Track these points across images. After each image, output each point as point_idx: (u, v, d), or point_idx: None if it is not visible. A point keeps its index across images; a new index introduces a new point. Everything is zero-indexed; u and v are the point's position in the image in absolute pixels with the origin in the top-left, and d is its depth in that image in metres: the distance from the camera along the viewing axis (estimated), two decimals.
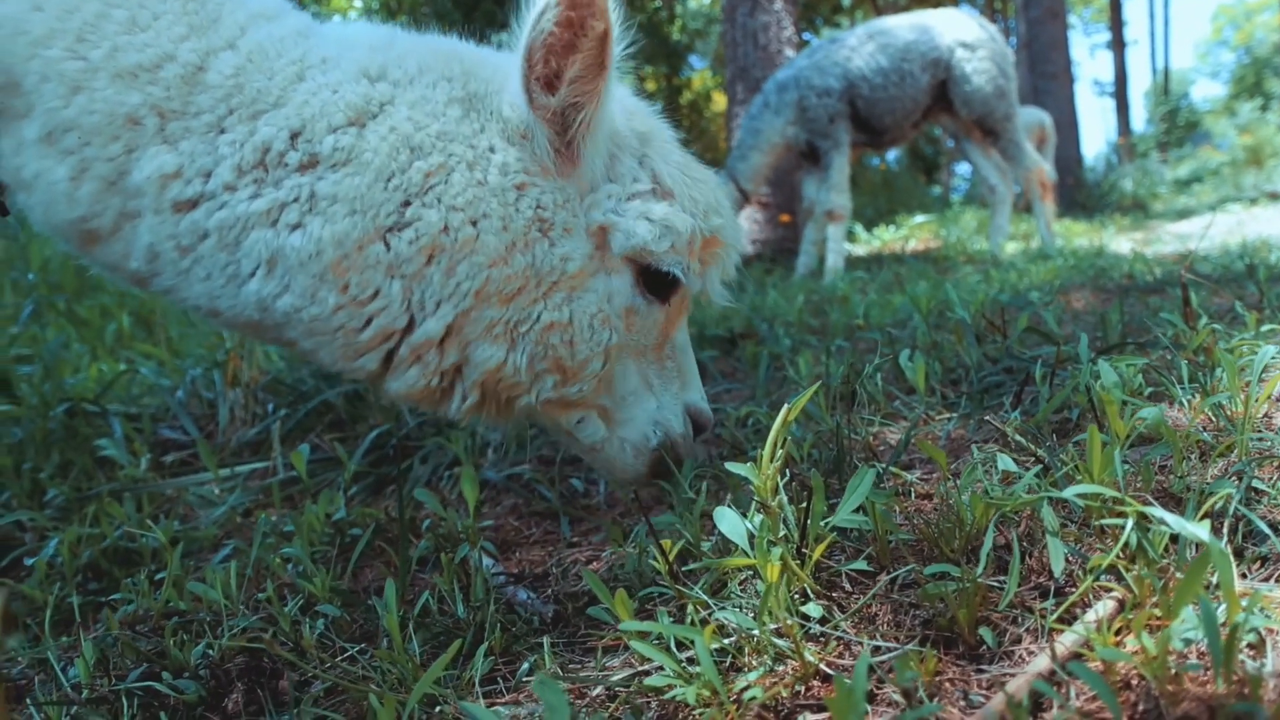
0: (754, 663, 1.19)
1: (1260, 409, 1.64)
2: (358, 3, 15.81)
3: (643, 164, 1.82)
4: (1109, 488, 1.26)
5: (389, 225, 1.61)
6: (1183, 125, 41.07)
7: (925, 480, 1.78)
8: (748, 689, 1.10)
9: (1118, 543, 1.19)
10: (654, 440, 1.93)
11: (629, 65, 1.83)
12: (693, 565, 1.41)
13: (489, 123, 1.69)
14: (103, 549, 2.24)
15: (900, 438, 2.04)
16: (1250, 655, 1.00)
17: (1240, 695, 0.91)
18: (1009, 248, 8.50)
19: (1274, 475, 1.44)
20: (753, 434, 2.43)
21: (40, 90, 1.54)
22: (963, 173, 29.19)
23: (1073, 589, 1.23)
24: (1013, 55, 8.13)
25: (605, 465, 1.98)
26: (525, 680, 1.33)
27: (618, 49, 1.65)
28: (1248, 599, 1.00)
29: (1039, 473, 1.50)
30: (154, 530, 1.91)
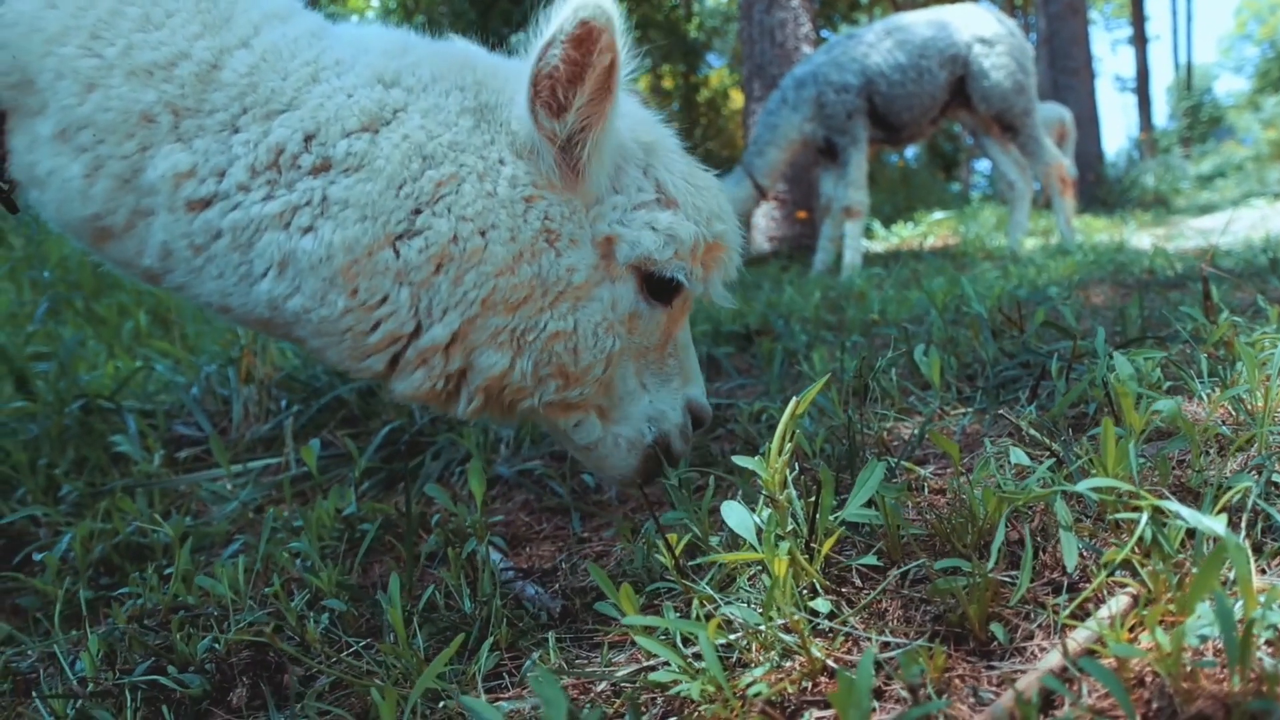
0: (760, 658, 1.18)
1: None
2: (375, 2, 15.85)
3: (647, 174, 1.83)
4: (1124, 481, 1.24)
5: (399, 232, 1.61)
6: (1206, 120, 40.68)
7: (939, 475, 1.76)
8: (753, 684, 1.08)
9: (1132, 537, 1.16)
10: (649, 436, 1.93)
11: (645, 65, 1.83)
12: (700, 560, 1.39)
13: (499, 135, 1.69)
14: (115, 544, 2.25)
15: (914, 433, 2.02)
16: (1268, 652, 0.97)
17: (1257, 693, 0.89)
18: (1028, 244, 8.44)
19: None
20: (766, 429, 2.42)
21: (55, 88, 1.54)
22: (982, 169, 29.01)
23: (1086, 584, 1.21)
24: (1032, 51, 8.07)
25: (598, 463, 1.97)
26: (530, 675, 1.32)
27: (624, 73, 1.65)
28: (1265, 594, 0.97)
29: (1053, 467, 1.48)
30: (160, 526, 1.91)
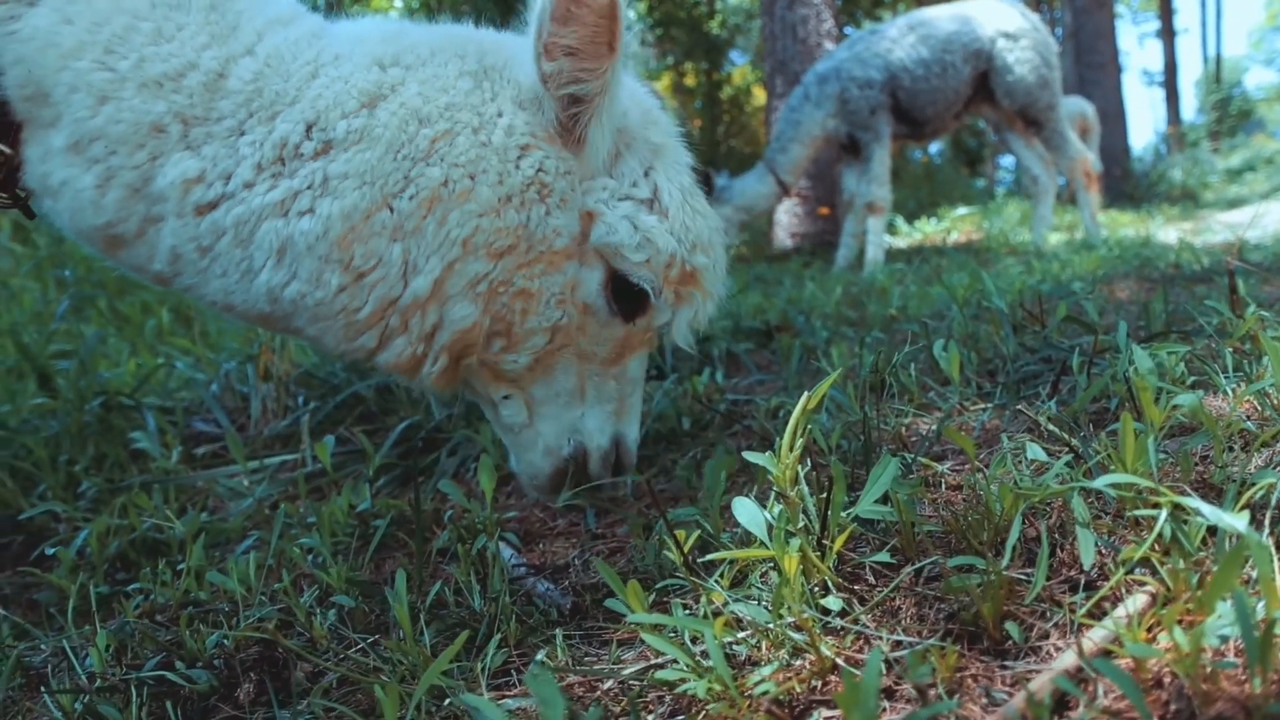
0: (769, 657, 1.16)
1: None
2: (398, 2, 15.89)
3: (647, 175, 1.82)
4: (1143, 477, 1.20)
5: (395, 190, 1.64)
6: (1235, 114, 40.14)
7: (957, 471, 1.73)
8: (760, 683, 1.06)
9: (1151, 534, 1.13)
10: (567, 449, 1.95)
11: (668, 61, 1.83)
12: (709, 556, 1.37)
13: (501, 90, 1.72)
14: (131, 540, 2.25)
15: (933, 429, 1.99)
16: None
17: (1279, 695, 0.86)
18: (1053, 239, 8.34)
19: None
20: (782, 425, 2.39)
21: (69, 101, 1.59)
22: (1007, 165, 28.76)
23: (1104, 583, 1.18)
24: (1056, 45, 7.98)
25: (517, 453, 2.00)
26: (527, 674, 1.31)
27: (627, 33, 1.64)
28: None
29: (1071, 463, 1.45)
30: (174, 522, 1.91)
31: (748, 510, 1.33)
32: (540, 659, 1.34)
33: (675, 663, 1.15)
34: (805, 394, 1.35)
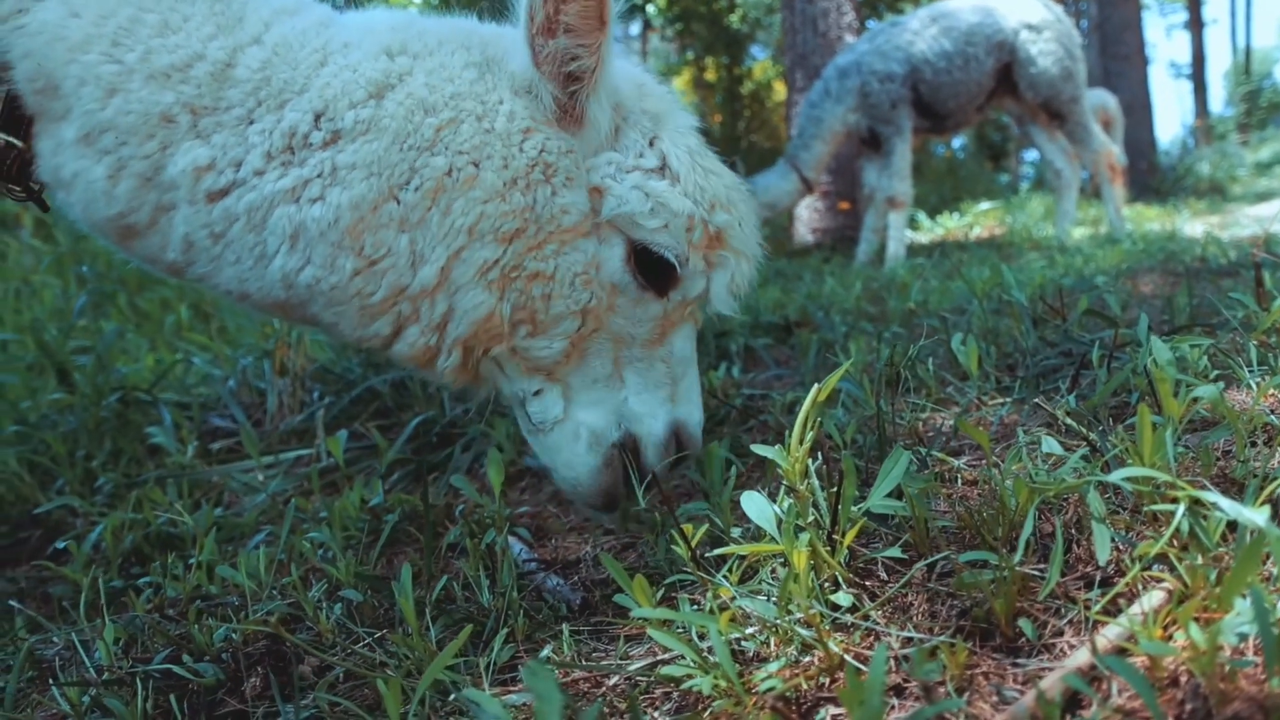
0: (777, 653, 1.14)
1: None
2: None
3: (652, 144, 1.80)
4: (1161, 471, 1.17)
5: (401, 182, 1.64)
6: (1265, 106, 39.52)
7: (974, 466, 1.70)
8: (766, 680, 1.04)
9: (1168, 530, 1.10)
10: (614, 435, 1.84)
11: (688, 56, 1.83)
12: (717, 551, 1.35)
13: (500, 80, 1.72)
14: (146, 535, 2.26)
15: (951, 423, 1.96)
16: None
17: None
18: (1077, 233, 8.25)
19: None
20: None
21: (78, 93, 1.61)
22: (1032, 159, 28.49)
23: (1121, 580, 1.15)
24: (1079, 36, 7.88)
25: (551, 454, 1.87)
26: (524, 669, 1.29)
27: (616, 4, 1.64)
28: None
29: (1088, 456, 1.42)
30: (185, 516, 1.91)
31: (757, 504, 1.31)
32: (546, 654, 1.33)
33: (681, 659, 1.14)
34: (815, 386, 1.32)
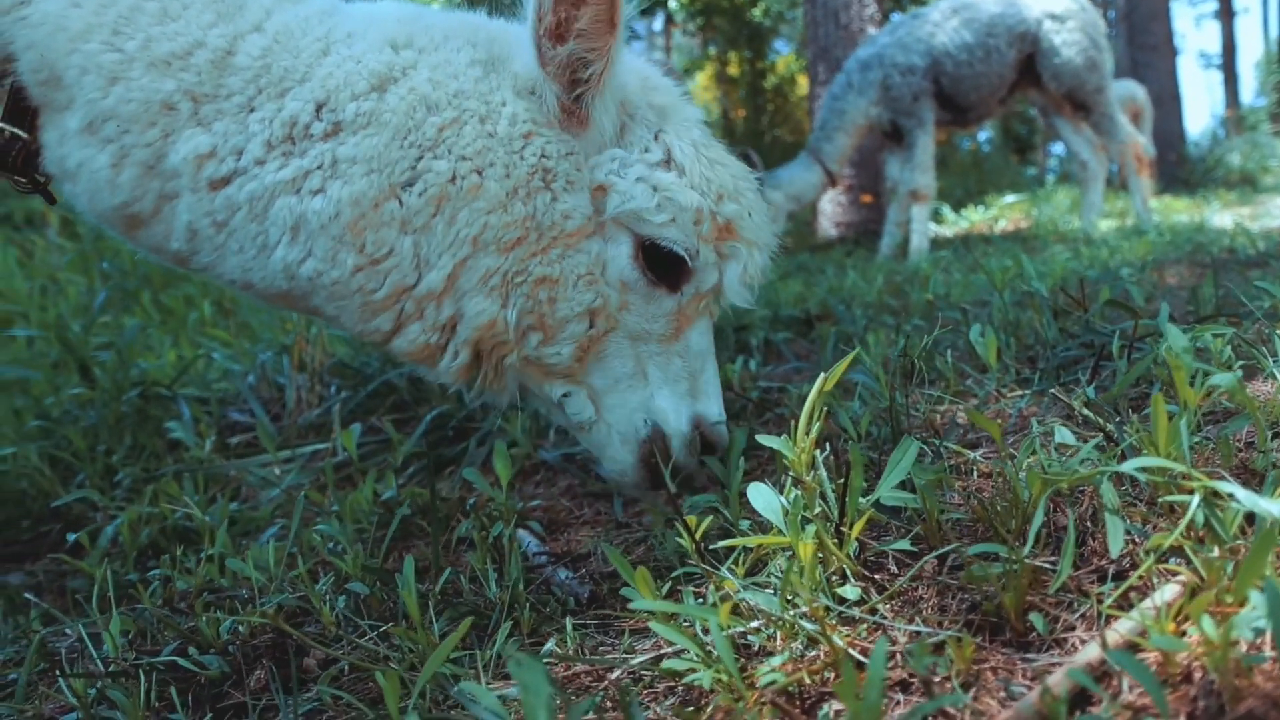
0: (783, 647, 1.12)
1: None
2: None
3: (658, 139, 1.78)
4: (1176, 461, 1.14)
5: (403, 181, 1.64)
6: None
7: (990, 458, 1.67)
8: (768, 674, 1.03)
9: (1182, 521, 1.07)
10: (643, 431, 1.83)
11: (711, 51, 1.80)
12: (721, 543, 1.34)
13: (504, 80, 1.70)
14: (162, 528, 2.27)
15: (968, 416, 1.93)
16: None
17: None
18: (1103, 226, 8.14)
19: None
20: None
21: (80, 83, 1.62)
22: (1059, 152, 28.18)
23: (1135, 572, 1.12)
24: (1105, 25, 7.76)
25: (599, 451, 1.90)
26: (546, 661, 1.28)
27: (628, 8, 1.62)
28: None
29: (1102, 446, 1.39)
30: (196, 510, 1.92)
31: (764, 496, 1.29)
32: (550, 648, 1.32)
33: (685, 652, 1.12)
34: (822, 376, 1.30)
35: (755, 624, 1.17)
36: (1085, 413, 1.64)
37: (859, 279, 5.28)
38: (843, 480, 1.30)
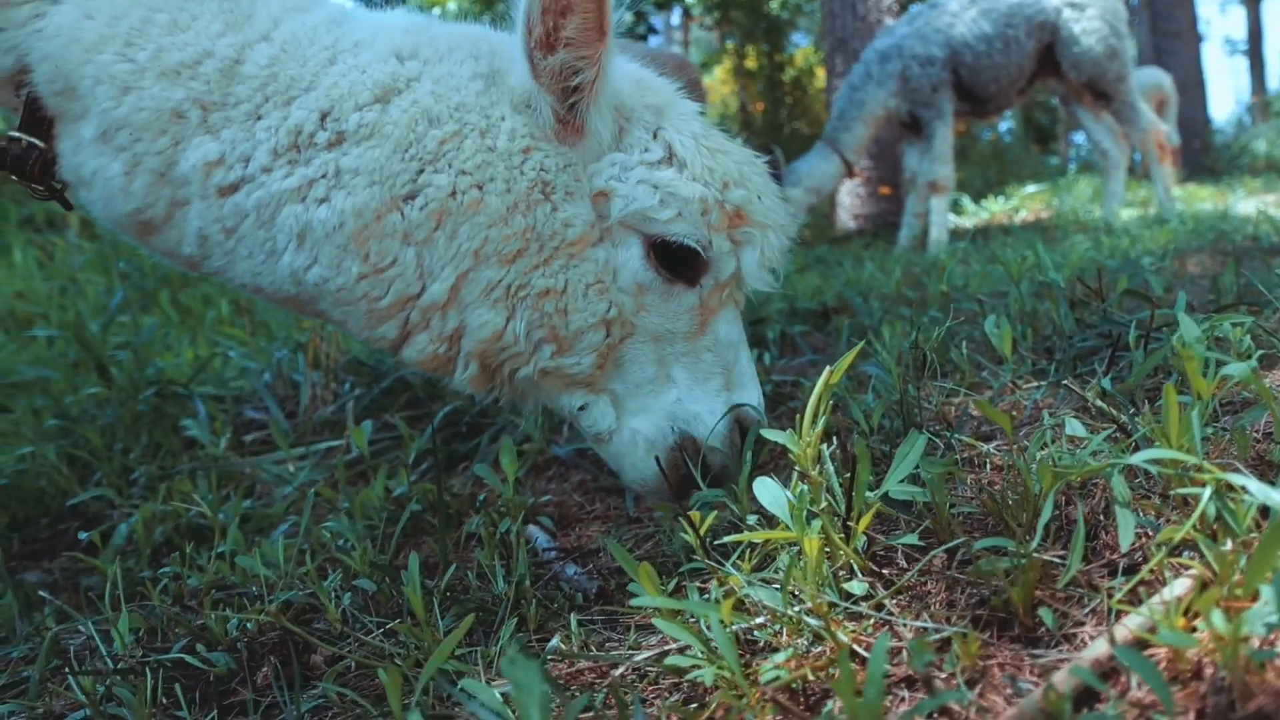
0: (788, 643, 1.11)
1: None
2: (451, 6, 15.85)
3: (656, 137, 1.76)
4: (1189, 453, 1.12)
5: (405, 194, 1.65)
6: None
7: (1004, 451, 1.65)
8: (771, 670, 1.01)
9: (1193, 514, 1.05)
10: (669, 439, 1.78)
11: (729, 44, 1.78)
12: (726, 539, 1.32)
13: (503, 94, 1.71)
14: (176, 526, 2.28)
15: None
16: None
17: None
18: (1125, 215, 8.05)
19: None
20: None
21: (94, 93, 1.65)
22: (1081, 142, 27.93)
23: (1146, 567, 1.10)
24: (1125, 12, 7.67)
25: (618, 463, 1.84)
26: (550, 658, 1.27)
27: (616, 14, 1.61)
28: None
29: (1115, 438, 1.36)
30: (205, 508, 1.92)
31: (770, 490, 1.28)
32: (555, 644, 1.31)
33: (689, 648, 1.11)
34: (828, 369, 1.29)
35: (760, 620, 1.16)
36: (1099, 404, 1.61)
37: (876, 271, 5.25)
38: (849, 474, 1.28)
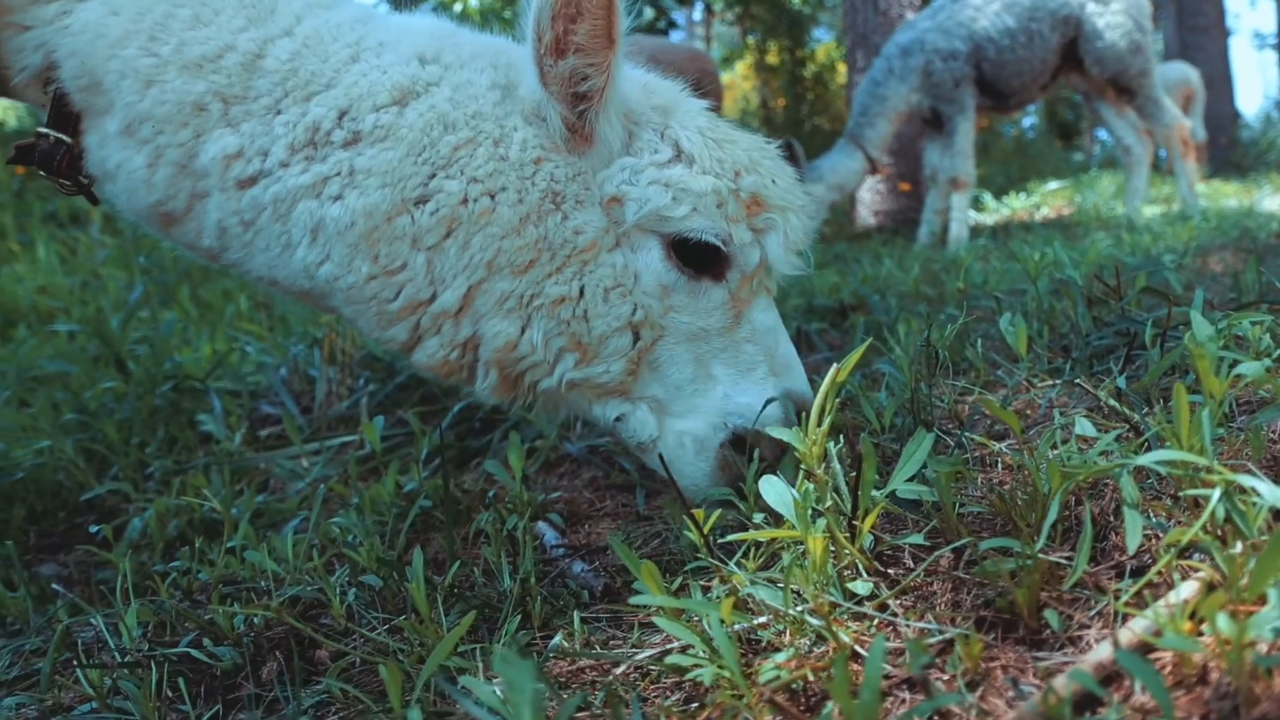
0: (786, 643, 1.10)
1: None
2: (474, 1, 15.81)
3: (664, 136, 1.75)
4: (1200, 454, 1.10)
5: (415, 198, 1.65)
6: None
7: (1016, 450, 1.63)
8: (770, 670, 1.00)
9: (1202, 516, 1.03)
10: (720, 435, 1.75)
11: (750, 40, 1.78)
12: (730, 537, 1.32)
13: (516, 105, 1.72)
14: (190, 520, 2.29)
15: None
16: None
17: None
18: (1148, 211, 7.97)
19: None
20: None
21: (119, 87, 1.68)
22: (1106, 138, 27.65)
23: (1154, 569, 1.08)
24: (1150, 7, 7.57)
25: (668, 467, 1.77)
26: (552, 656, 1.27)
27: (624, 22, 1.62)
28: None
29: (1126, 438, 1.35)
30: (215, 502, 1.93)
31: (775, 489, 1.27)
32: (558, 641, 1.31)
33: (691, 647, 1.10)
34: (834, 366, 1.28)
35: (762, 619, 1.15)
36: (1111, 403, 1.59)
37: (895, 268, 5.21)
38: (855, 473, 1.27)
